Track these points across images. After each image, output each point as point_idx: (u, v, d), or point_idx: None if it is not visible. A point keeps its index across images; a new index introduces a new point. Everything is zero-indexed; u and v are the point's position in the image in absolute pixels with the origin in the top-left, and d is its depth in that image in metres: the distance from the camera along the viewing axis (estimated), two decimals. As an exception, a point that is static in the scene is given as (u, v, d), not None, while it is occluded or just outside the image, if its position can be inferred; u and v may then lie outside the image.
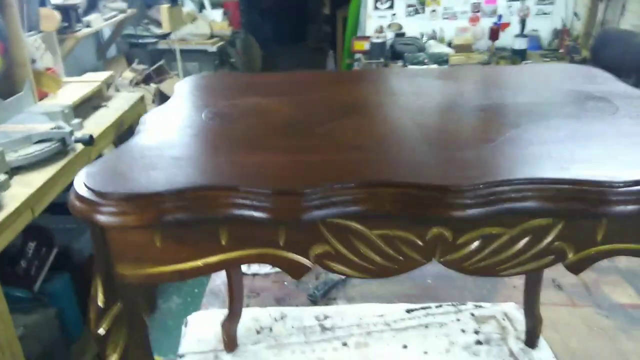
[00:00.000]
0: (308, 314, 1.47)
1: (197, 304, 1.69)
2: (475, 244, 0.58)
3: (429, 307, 1.47)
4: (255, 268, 1.66)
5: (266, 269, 1.67)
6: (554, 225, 0.57)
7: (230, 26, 3.74)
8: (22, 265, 2.06)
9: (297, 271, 0.59)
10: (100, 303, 0.59)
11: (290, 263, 0.58)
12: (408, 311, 1.46)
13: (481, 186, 0.54)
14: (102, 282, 0.59)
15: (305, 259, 0.59)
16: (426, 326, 1.40)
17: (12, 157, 1.66)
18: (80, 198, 0.55)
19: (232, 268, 0.52)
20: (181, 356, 1.32)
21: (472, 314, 1.44)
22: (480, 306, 1.47)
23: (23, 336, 1.60)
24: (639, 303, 1.50)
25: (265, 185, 0.55)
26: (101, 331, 0.59)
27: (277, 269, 1.65)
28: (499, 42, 3.24)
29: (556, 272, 1.66)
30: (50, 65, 2.04)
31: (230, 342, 1.33)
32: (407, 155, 0.64)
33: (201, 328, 1.41)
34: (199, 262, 0.58)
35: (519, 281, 1.55)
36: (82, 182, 0.57)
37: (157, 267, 0.58)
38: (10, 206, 1.48)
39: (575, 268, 0.59)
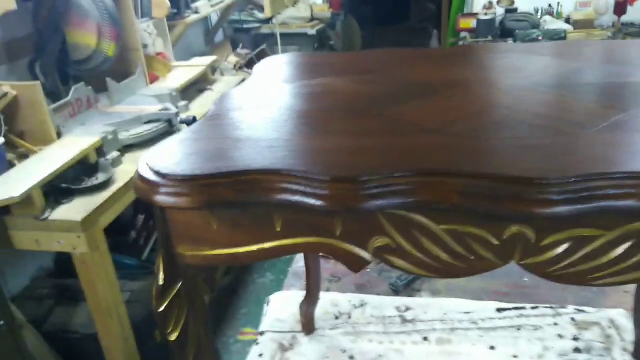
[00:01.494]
0: (389, 304, 1.42)
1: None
2: (564, 247, 0.50)
3: (523, 308, 1.35)
4: (338, 252, 1.64)
5: (350, 254, 1.64)
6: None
7: (330, 8, 3.72)
8: (132, 236, 2.24)
9: (355, 264, 0.55)
10: (160, 281, 0.60)
11: (347, 255, 0.54)
12: (499, 310, 1.35)
13: (572, 179, 0.46)
14: (164, 261, 0.60)
15: (363, 252, 0.54)
16: (518, 328, 1.29)
17: (124, 136, 1.80)
18: (142, 179, 0.56)
19: (288, 254, 0.50)
20: (262, 333, 1.35)
21: (573, 319, 1.30)
22: (582, 311, 1.32)
23: (129, 300, 1.74)
24: None
25: (321, 171, 0.51)
26: (161, 308, 0.60)
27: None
28: (626, 17, 2.85)
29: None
30: (161, 50, 2.17)
31: (307, 325, 1.33)
32: (489, 141, 0.57)
33: (281, 308, 1.42)
34: (254, 247, 0.56)
35: (632, 285, 1.36)
36: (145, 163, 0.57)
37: (214, 250, 0.58)
38: (122, 181, 1.59)
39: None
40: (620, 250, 0.49)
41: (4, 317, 1.43)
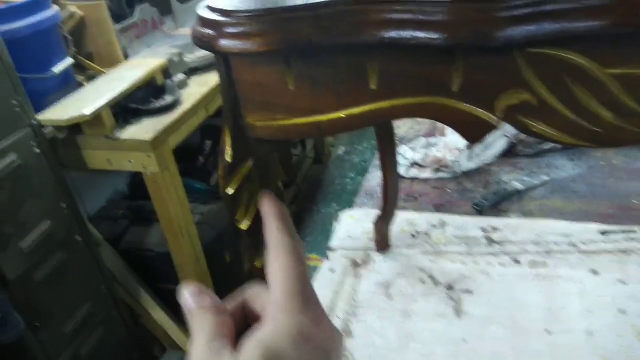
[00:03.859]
0: (472, 224, 1.28)
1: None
2: None
3: (633, 232, 1.17)
4: (414, 172, 1.51)
5: (426, 173, 1.50)
6: None
7: None
8: (200, 161, 2.24)
9: (474, 130, 0.42)
10: (228, 158, 0.50)
11: (465, 118, 0.41)
12: (603, 233, 1.18)
13: None
14: (231, 135, 0.49)
15: (489, 113, 0.41)
16: (626, 252, 1.12)
17: (190, 58, 1.74)
18: (202, 20, 0.44)
19: (384, 120, 0.40)
20: (332, 250, 1.27)
21: (695, 245, 1.11)
22: None
23: (199, 222, 1.73)
24: None
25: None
26: (229, 190, 0.50)
27: (440, 174, 1.48)
28: None
29: None
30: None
31: (382, 242, 1.23)
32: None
33: (353, 225, 1.33)
34: (341, 114, 0.44)
35: None
36: (206, 5, 0.46)
37: (290, 119, 0.46)
38: (187, 103, 1.56)
39: None
40: None
41: (82, 234, 1.45)
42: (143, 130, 1.39)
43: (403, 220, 1.31)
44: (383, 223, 1.20)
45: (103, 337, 1.52)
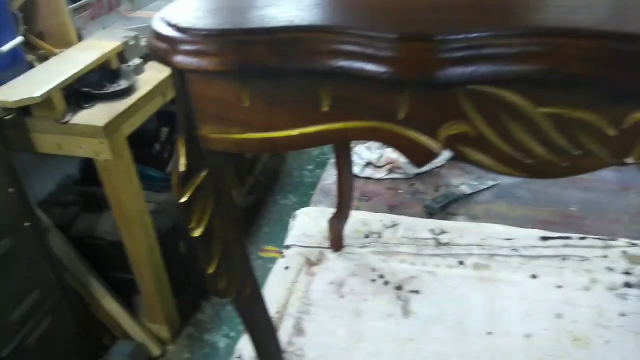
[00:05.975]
0: (423, 226, 1.33)
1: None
2: None
3: (570, 238, 1.24)
4: (369, 172, 1.55)
5: (380, 173, 1.54)
6: None
7: None
8: (156, 148, 2.19)
9: (419, 156, 0.44)
10: (182, 168, 0.50)
11: (410, 144, 0.43)
12: (543, 239, 1.25)
13: None
14: (186, 144, 0.50)
15: (432, 141, 0.43)
16: (564, 258, 1.19)
17: (147, 42, 1.68)
18: (158, 35, 0.44)
19: (335, 141, 0.42)
20: (288, 247, 1.29)
21: (624, 252, 1.19)
22: (635, 245, 1.21)
23: (154, 211, 1.70)
24: None
25: (388, 27, 0.39)
26: (183, 199, 0.51)
27: (394, 175, 1.52)
28: None
29: None
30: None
31: (336, 241, 1.26)
32: None
33: (309, 223, 1.35)
34: (294, 132, 0.45)
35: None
36: (162, 18, 0.46)
37: (244, 133, 0.47)
38: (143, 89, 1.52)
39: None
40: None
41: (30, 220, 1.41)
42: (96, 115, 1.35)
43: (357, 220, 1.35)
44: (338, 222, 1.23)
45: (51, 327, 1.48)
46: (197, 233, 0.53)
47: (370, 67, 0.39)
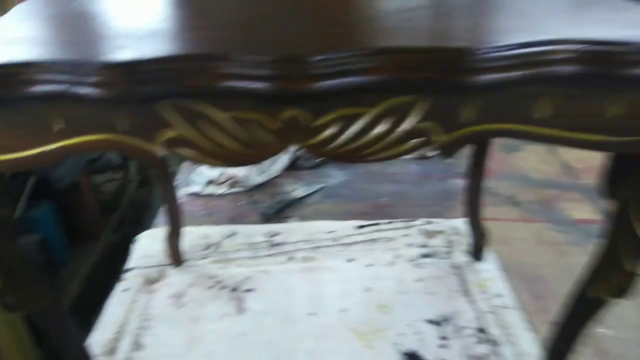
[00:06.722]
0: (258, 231, 1.46)
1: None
2: (335, 126, 0.54)
3: (379, 224, 1.45)
4: (210, 189, 1.65)
5: (222, 189, 1.65)
6: (415, 102, 0.52)
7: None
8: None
9: (148, 159, 0.56)
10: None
11: (134, 149, 0.54)
12: (358, 227, 1.45)
13: (324, 56, 0.49)
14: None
15: (155, 146, 0.55)
16: (374, 241, 1.39)
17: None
18: None
19: (75, 154, 0.48)
20: (127, 270, 1.33)
21: (422, 229, 1.43)
22: (430, 222, 1.45)
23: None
24: (596, 219, 1.47)
25: (85, 57, 0.50)
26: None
27: (235, 189, 1.63)
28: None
29: (514, 190, 1.63)
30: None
31: (176, 257, 1.33)
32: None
33: (149, 245, 1.41)
34: (36, 151, 0.54)
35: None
36: None
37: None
38: None
39: (446, 151, 0.55)
40: (383, 126, 0.54)
41: None
42: None
43: (198, 234, 1.44)
44: (173, 239, 1.30)
45: None
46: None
47: (80, 90, 0.49)
